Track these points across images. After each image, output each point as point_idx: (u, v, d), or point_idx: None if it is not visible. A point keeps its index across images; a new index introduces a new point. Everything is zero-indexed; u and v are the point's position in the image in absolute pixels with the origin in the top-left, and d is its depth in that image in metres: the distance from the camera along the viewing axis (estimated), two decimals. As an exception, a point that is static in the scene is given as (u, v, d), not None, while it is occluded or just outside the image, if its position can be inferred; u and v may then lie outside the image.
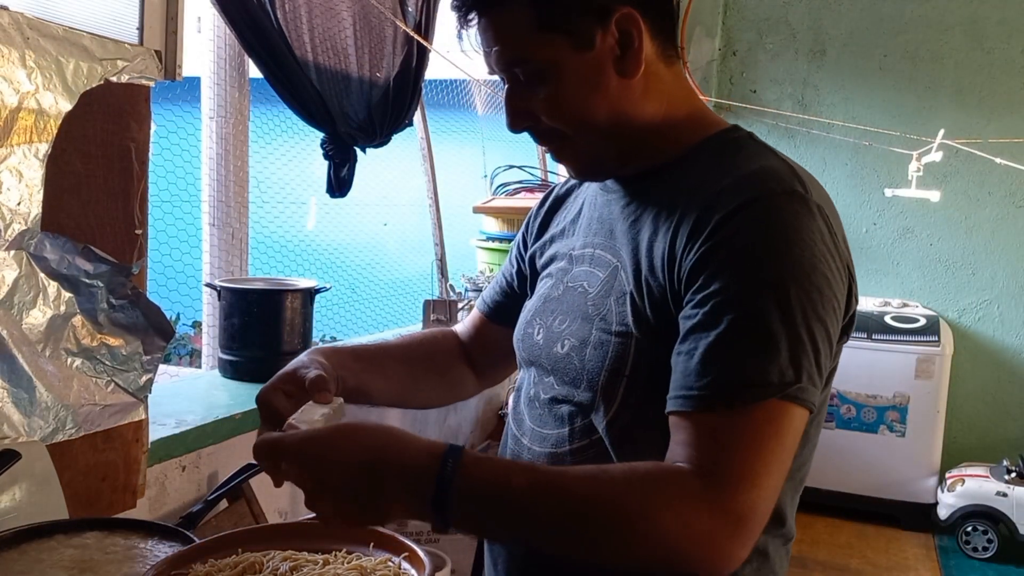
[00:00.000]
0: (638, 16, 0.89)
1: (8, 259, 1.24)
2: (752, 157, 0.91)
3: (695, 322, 0.84)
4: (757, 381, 0.80)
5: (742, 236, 0.84)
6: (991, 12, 3.83)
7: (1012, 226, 3.88)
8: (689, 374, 0.83)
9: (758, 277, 0.82)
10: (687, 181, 0.92)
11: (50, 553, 1.06)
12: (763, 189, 0.86)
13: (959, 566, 3.37)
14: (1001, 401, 3.93)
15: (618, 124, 0.93)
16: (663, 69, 0.94)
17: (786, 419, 0.81)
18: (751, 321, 0.81)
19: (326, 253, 3.61)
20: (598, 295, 0.98)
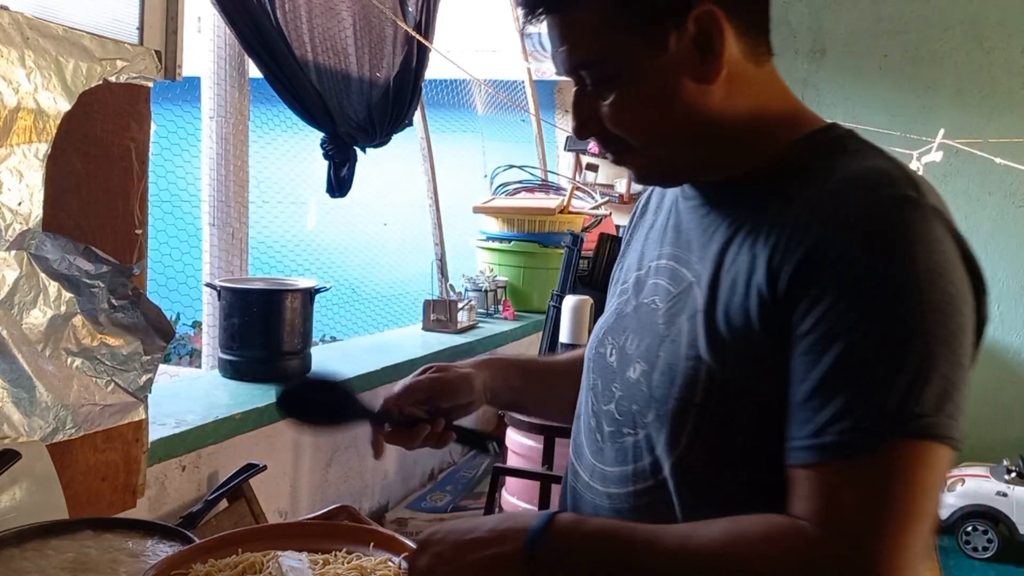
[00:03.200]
0: (720, 14, 0.79)
1: (9, 259, 1.24)
2: (854, 158, 0.81)
3: (809, 359, 0.74)
4: (872, 421, 0.70)
5: (852, 256, 0.73)
6: (991, 12, 3.83)
7: (1012, 226, 3.87)
8: (806, 420, 0.74)
9: (863, 302, 0.72)
10: (778, 190, 0.82)
11: (50, 553, 1.06)
12: (872, 198, 0.75)
13: (959, 566, 3.37)
14: (1001, 401, 3.93)
15: (694, 132, 0.84)
16: (751, 69, 0.84)
17: (918, 460, 0.70)
18: (862, 355, 0.72)
19: (326, 253, 3.62)
20: (669, 312, 0.88)
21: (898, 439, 0.70)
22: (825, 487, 0.72)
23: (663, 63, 0.80)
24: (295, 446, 2.10)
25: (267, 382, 2.00)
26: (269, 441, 1.96)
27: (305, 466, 2.14)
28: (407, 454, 2.71)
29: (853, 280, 0.72)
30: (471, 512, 2.56)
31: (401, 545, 1.01)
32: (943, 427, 0.70)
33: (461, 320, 2.98)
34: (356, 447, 2.37)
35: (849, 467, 0.71)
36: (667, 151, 0.86)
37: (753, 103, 0.84)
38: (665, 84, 0.81)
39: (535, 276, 3.48)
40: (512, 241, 3.46)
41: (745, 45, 0.82)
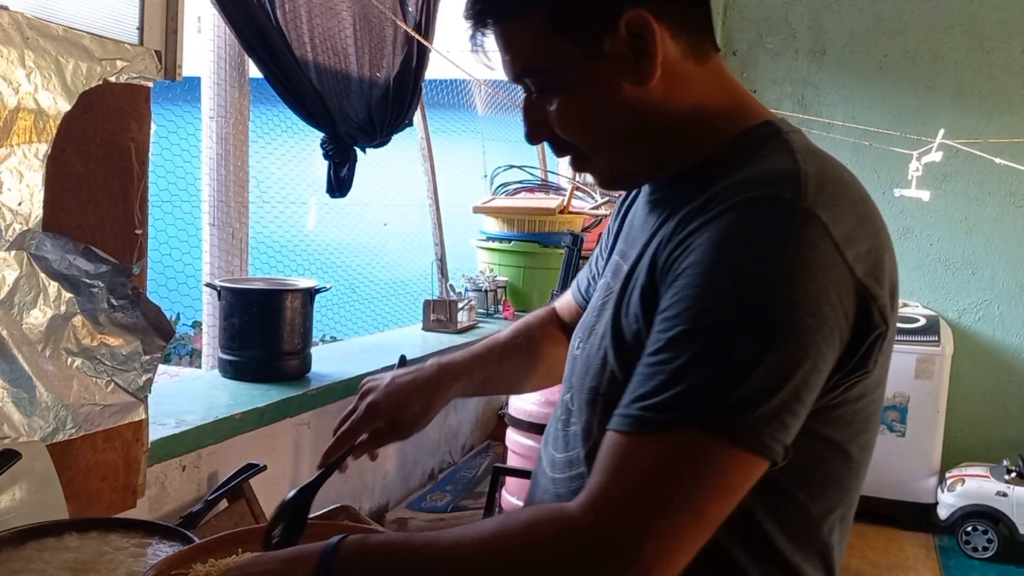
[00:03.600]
0: (649, 17, 0.81)
1: (9, 259, 1.24)
2: (758, 159, 0.81)
3: (652, 339, 0.76)
4: (670, 405, 0.70)
5: (699, 251, 0.75)
6: (991, 12, 3.83)
7: (1012, 226, 3.87)
8: (629, 391, 0.75)
9: (701, 295, 0.73)
10: (695, 189, 0.83)
11: (50, 553, 1.06)
12: (740, 196, 0.76)
13: (959, 566, 3.37)
14: (1001, 401, 3.93)
15: (639, 134, 0.87)
16: (691, 68, 0.85)
17: (704, 457, 0.69)
18: (684, 342, 0.72)
19: (326, 253, 3.61)
20: (601, 306, 0.93)
21: (691, 430, 0.69)
22: (612, 458, 0.73)
23: (600, 68, 0.83)
24: (295, 446, 2.10)
25: (267, 382, 2.00)
26: (269, 441, 1.96)
27: (305, 466, 2.14)
28: (407, 454, 2.71)
29: (702, 272, 0.73)
30: (471, 512, 2.56)
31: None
32: (747, 429, 0.69)
33: (461, 320, 2.98)
34: (356, 447, 2.36)
35: (637, 442, 0.71)
36: (616, 155, 0.89)
37: (695, 100, 0.86)
38: (604, 89, 0.84)
39: (535, 276, 3.48)
40: (512, 241, 3.46)
41: (683, 45, 0.84)
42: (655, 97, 0.84)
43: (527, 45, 0.85)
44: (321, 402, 2.06)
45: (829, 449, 0.82)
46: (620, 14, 0.81)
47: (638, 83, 0.83)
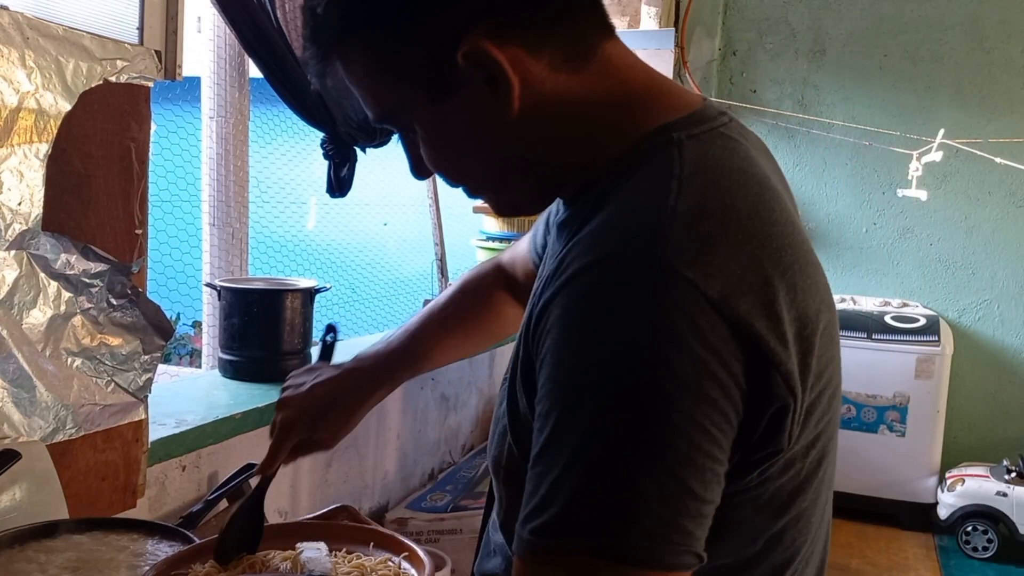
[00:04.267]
0: (489, 46, 0.68)
1: (8, 259, 1.24)
2: (635, 187, 0.68)
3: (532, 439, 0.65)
4: (551, 529, 0.60)
5: (555, 334, 0.63)
6: (991, 12, 3.83)
7: (1012, 226, 3.87)
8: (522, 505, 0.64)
9: (564, 392, 0.62)
10: (578, 222, 0.71)
11: (50, 553, 1.06)
12: (587, 257, 0.63)
13: (959, 566, 3.37)
14: (1001, 401, 3.93)
15: (516, 166, 0.75)
16: (566, 79, 0.72)
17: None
18: (554, 447, 0.61)
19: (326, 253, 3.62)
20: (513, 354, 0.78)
21: (580, 554, 0.59)
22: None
23: (453, 106, 0.71)
24: (295, 446, 2.10)
25: (267, 382, 2.00)
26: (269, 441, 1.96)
27: (305, 466, 2.14)
28: (407, 454, 2.71)
29: (557, 363, 0.62)
30: (471, 512, 2.56)
31: (401, 545, 1.01)
32: (639, 550, 0.58)
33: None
34: (356, 447, 2.37)
35: (535, 570, 0.62)
36: (497, 190, 0.79)
37: (578, 114, 0.73)
38: (465, 126, 0.73)
39: (535, 276, 3.47)
40: (512, 241, 3.45)
41: (550, 57, 0.71)
42: (528, 124, 0.71)
43: (368, 92, 0.75)
44: (321, 402, 2.05)
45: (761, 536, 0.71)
46: (455, 48, 0.68)
47: (500, 117, 0.71)
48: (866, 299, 3.95)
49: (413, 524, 2.47)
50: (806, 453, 0.69)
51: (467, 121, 0.72)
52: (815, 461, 0.71)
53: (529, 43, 0.70)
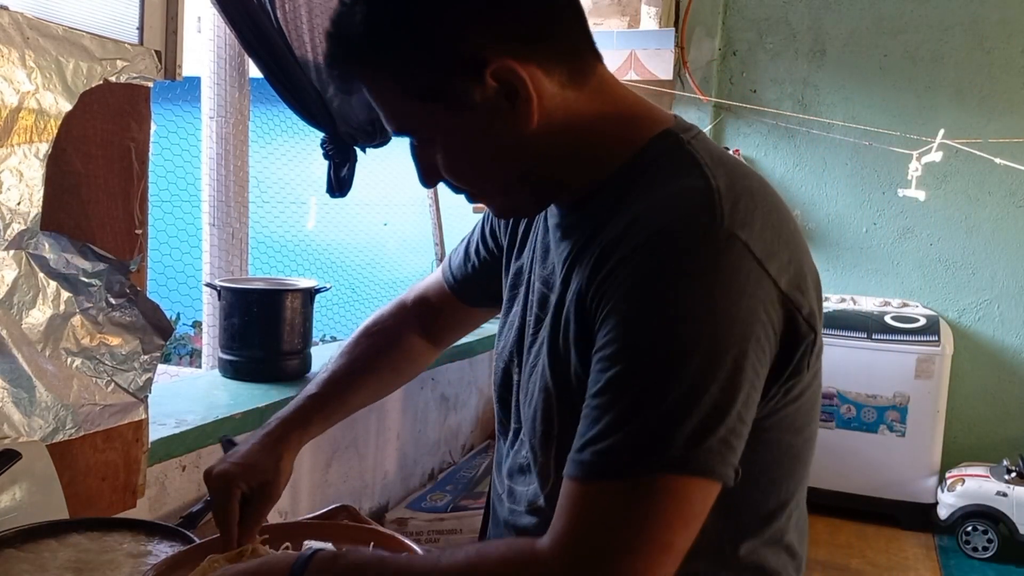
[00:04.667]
0: (516, 65, 0.77)
1: (8, 259, 1.24)
2: (669, 178, 0.79)
3: (593, 378, 0.75)
4: (620, 450, 0.70)
5: (625, 288, 0.74)
6: (991, 12, 3.83)
7: (1012, 226, 3.87)
8: (579, 435, 0.74)
9: (633, 331, 0.72)
10: (607, 214, 0.81)
11: (50, 553, 1.06)
12: (657, 226, 0.75)
13: (959, 566, 3.37)
14: (1001, 401, 3.93)
15: (527, 174, 0.84)
16: (573, 95, 0.82)
17: (664, 493, 0.70)
18: (622, 381, 0.72)
19: (326, 253, 3.62)
20: (532, 340, 0.91)
21: (646, 469, 0.70)
22: (573, 504, 0.73)
23: (474, 119, 0.80)
24: (295, 446, 2.10)
25: (267, 382, 2.00)
26: (269, 441, 1.96)
27: (305, 466, 2.14)
28: (407, 454, 2.71)
29: (632, 310, 0.73)
30: (471, 512, 2.56)
31: (401, 545, 1.01)
32: (698, 462, 0.70)
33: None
34: (356, 447, 2.37)
35: (594, 489, 0.71)
36: (505, 195, 0.88)
37: (583, 127, 0.83)
38: (482, 138, 0.81)
39: (535, 276, 3.47)
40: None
41: (559, 76, 0.81)
42: (539, 137, 0.81)
43: (393, 108, 0.83)
44: (321, 402, 2.06)
45: (777, 449, 0.84)
46: (484, 67, 0.77)
47: (518, 128, 0.80)
48: (866, 299, 3.95)
49: (413, 524, 2.47)
50: (811, 383, 0.83)
51: (485, 132, 0.81)
52: (816, 390, 0.86)
53: (543, 62, 0.80)
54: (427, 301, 1.22)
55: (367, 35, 0.80)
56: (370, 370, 1.18)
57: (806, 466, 0.89)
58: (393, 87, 0.81)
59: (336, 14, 0.83)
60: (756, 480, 0.83)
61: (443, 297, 1.19)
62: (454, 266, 1.18)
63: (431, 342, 1.23)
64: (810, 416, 0.86)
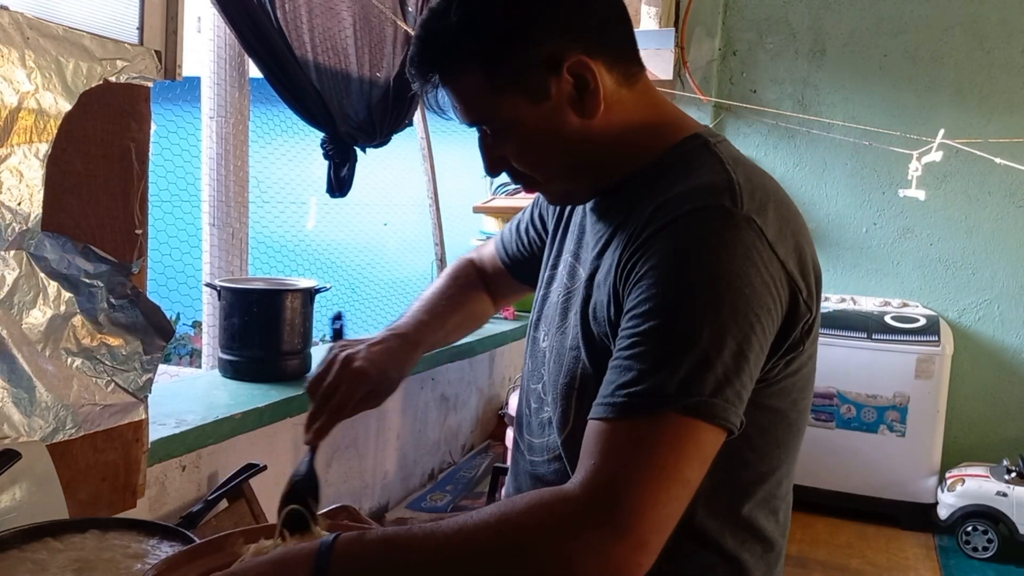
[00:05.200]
0: (588, 60, 0.90)
1: (8, 259, 1.24)
2: (695, 172, 0.91)
3: (623, 334, 0.85)
4: (652, 392, 0.80)
5: (659, 256, 0.85)
6: (991, 12, 3.83)
7: (1012, 226, 3.87)
8: (608, 383, 0.84)
9: (668, 294, 0.83)
10: (639, 199, 0.93)
11: (50, 553, 1.06)
12: (687, 207, 0.86)
13: (959, 566, 3.37)
14: (1001, 401, 3.93)
15: (586, 160, 0.96)
16: (625, 93, 0.95)
17: (686, 433, 0.79)
18: (657, 337, 0.82)
19: (326, 253, 3.62)
20: (563, 307, 1.02)
21: (672, 411, 0.79)
22: (602, 442, 0.81)
23: (548, 109, 0.92)
24: (295, 446, 2.10)
25: (267, 382, 2.00)
26: (269, 441, 1.96)
27: (305, 466, 2.13)
28: (407, 454, 2.71)
29: (662, 277, 0.83)
30: (471, 512, 2.55)
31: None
32: (716, 408, 0.80)
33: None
34: (356, 447, 2.37)
35: (625, 426, 0.80)
36: (566, 180, 0.99)
37: (630, 121, 0.96)
38: (553, 126, 0.93)
39: (535, 276, 3.47)
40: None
41: (618, 74, 0.94)
42: (598, 126, 0.93)
43: (473, 99, 0.93)
44: (321, 402, 2.06)
45: (774, 416, 0.94)
46: (562, 61, 0.90)
47: (585, 118, 0.93)
48: (866, 299, 3.95)
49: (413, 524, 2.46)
50: (807, 363, 0.94)
51: (557, 121, 0.92)
52: (810, 371, 0.97)
53: (608, 61, 0.93)
54: (487, 267, 1.37)
55: (462, 33, 0.90)
56: (459, 311, 1.31)
57: (797, 436, 0.99)
58: (480, 80, 0.91)
59: (428, 17, 0.94)
60: (752, 441, 0.92)
61: (497, 269, 1.34)
62: (507, 244, 1.33)
63: (493, 301, 1.37)
64: (804, 392, 0.97)
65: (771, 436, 0.95)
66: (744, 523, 0.96)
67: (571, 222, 1.11)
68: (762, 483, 0.97)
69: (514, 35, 0.90)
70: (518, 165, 0.97)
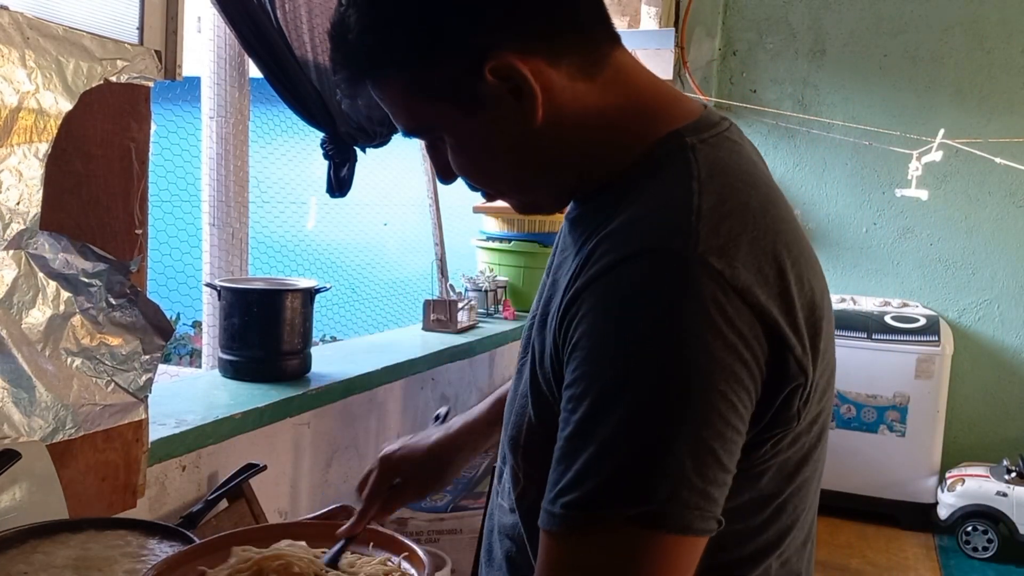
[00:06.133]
0: (513, 59, 0.74)
1: (7, 259, 1.24)
2: (652, 193, 0.74)
3: (562, 418, 0.70)
4: (591, 502, 0.65)
5: (590, 318, 0.68)
6: (991, 12, 3.83)
7: (1012, 226, 3.87)
8: (552, 482, 0.69)
9: (598, 372, 0.67)
10: (604, 213, 0.76)
11: (50, 553, 1.06)
12: (624, 250, 0.69)
13: (959, 566, 3.37)
14: (1001, 401, 3.93)
15: (540, 169, 0.81)
16: (584, 87, 0.78)
17: (640, 547, 0.64)
18: (592, 428, 0.66)
19: (326, 253, 3.62)
20: (527, 337, 0.86)
21: (615, 523, 0.64)
22: (549, 560, 0.68)
23: (484, 118, 0.77)
24: (295, 446, 2.10)
25: (267, 382, 2.00)
26: (269, 441, 1.96)
27: (305, 466, 2.14)
28: (407, 454, 2.70)
29: (593, 349, 0.68)
30: (471, 512, 2.56)
31: (401, 545, 1.01)
32: (673, 516, 0.64)
33: (461, 320, 2.98)
34: (356, 447, 2.37)
35: (568, 542, 0.67)
36: (520, 191, 0.85)
37: (594, 120, 0.79)
38: (493, 135, 0.78)
39: (535, 276, 3.48)
40: (512, 241, 3.46)
41: (567, 67, 0.77)
42: (549, 132, 0.77)
43: (403, 109, 0.81)
44: (321, 402, 2.06)
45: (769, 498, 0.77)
46: (483, 63, 0.74)
47: (526, 124, 0.76)
48: (866, 299, 3.95)
49: (413, 524, 2.47)
50: (810, 428, 0.75)
51: (495, 131, 0.78)
52: (816, 435, 0.78)
53: (549, 55, 0.76)
54: None
55: (367, 37, 0.77)
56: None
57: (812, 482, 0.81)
58: (399, 88, 0.79)
59: (335, 18, 0.80)
60: (748, 536, 0.77)
61: None
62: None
63: None
64: (807, 459, 0.78)
65: (768, 511, 0.78)
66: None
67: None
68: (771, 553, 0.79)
69: (421, 38, 0.75)
70: (462, 175, 0.84)
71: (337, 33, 0.80)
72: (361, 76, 0.80)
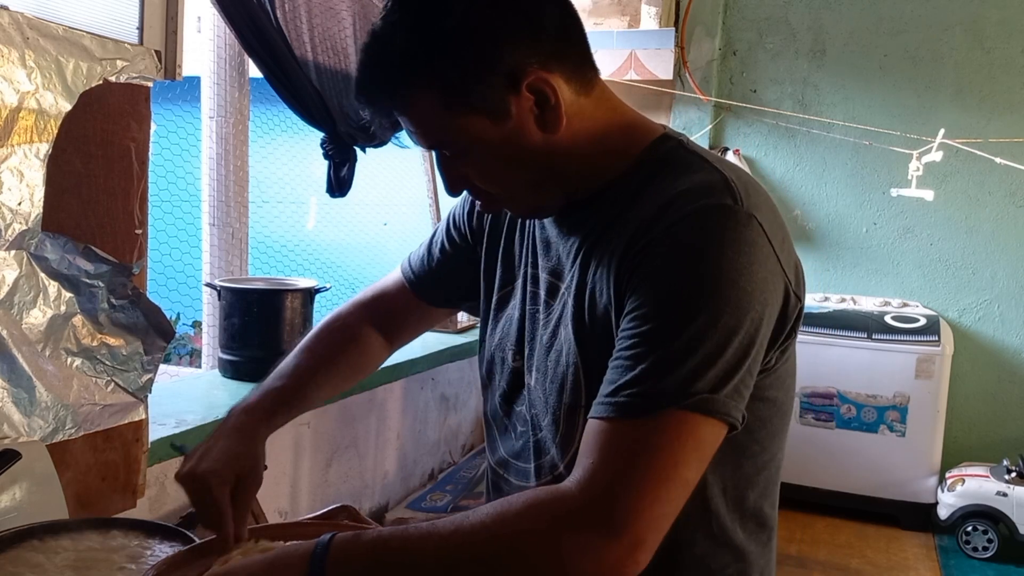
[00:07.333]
0: (546, 75, 0.87)
1: (8, 259, 1.24)
2: (686, 173, 0.89)
3: (623, 334, 0.84)
4: (653, 392, 0.79)
5: (664, 255, 0.83)
6: (991, 12, 3.83)
7: (1012, 226, 3.87)
8: (608, 382, 0.83)
9: (672, 293, 0.82)
10: (622, 206, 0.91)
11: (50, 553, 1.06)
12: (691, 206, 0.85)
13: (959, 566, 3.37)
14: (1001, 401, 3.93)
15: (550, 175, 0.93)
16: (585, 102, 0.92)
17: (686, 430, 0.79)
18: (657, 335, 0.81)
19: (326, 253, 3.62)
20: (549, 322, 0.99)
21: (674, 410, 0.79)
22: (602, 442, 0.80)
23: (509, 128, 0.88)
24: (295, 446, 2.10)
25: (267, 382, 2.00)
26: (269, 441, 1.96)
27: (305, 466, 2.14)
28: (407, 454, 2.71)
29: (665, 277, 0.83)
30: (471, 512, 2.56)
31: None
32: (717, 403, 0.80)
33: (461, 320, 2.98)
34: (356, 447, 2.37)
35: (625, 426, 0.80)
36: (531, 196, 0.96)
37: (593, 131, 0.92)
38: (517, 144, 0.89)
39: (535, 276, 3.47)
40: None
41: (575, 85, 0.90)
42: (562, 139, 0.90)
43: (430, 123, 0.89)
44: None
45: (773, 406, 0.95)
46: (521, 78, 0.86)
47: (547, 133, 0.89)
48: (866, 299, 3.95)
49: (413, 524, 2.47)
50: (792, 345, 0.96)
51: (518, 137, 0.89)
52: (794, 350, 0.97)
53: (565, 75, 0.89)
54: (385, 299, 1.26)
55: (411, 58, 0.86)
56: (331, 365, 1.23)
57: (788, 419, 1.01)
58: (435, 104, 0.87)
59: (371, 40, 0.89)
60: (755, 434, 0.94)
61: (402, 295, 1.25)
62: (415, 265, 1.24)
63: (387, 341, 1.27)
64: (793, 376, 0.99)
65: (771, 425, 0.96)
66: (751, 514, 0.98)
67: (523, 238, 1.06)
68: (764, 471, 0.98)
69: (466, 56, 0.85)
70: (482, 184, 0.94)
71: (376, 50, 0.89)
72: (397, 93, 0.88)
